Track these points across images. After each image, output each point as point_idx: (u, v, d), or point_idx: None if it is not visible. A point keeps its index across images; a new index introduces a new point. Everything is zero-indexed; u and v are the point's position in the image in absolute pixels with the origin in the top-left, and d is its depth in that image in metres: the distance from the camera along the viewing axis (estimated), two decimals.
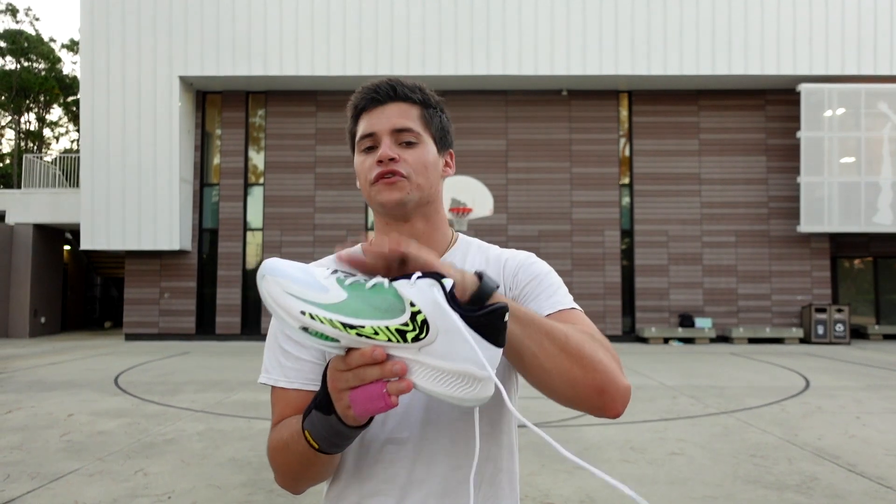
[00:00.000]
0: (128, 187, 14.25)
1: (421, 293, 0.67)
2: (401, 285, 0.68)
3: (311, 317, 0.66)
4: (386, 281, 0.69)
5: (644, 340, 14.24)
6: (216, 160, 15.39)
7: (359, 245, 1.06)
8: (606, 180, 14.93)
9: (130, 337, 14.71)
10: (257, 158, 15.35)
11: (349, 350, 0.68)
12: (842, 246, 15.55)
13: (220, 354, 11.82)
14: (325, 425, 0.76)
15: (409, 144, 0.96)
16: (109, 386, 7.95)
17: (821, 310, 14.07)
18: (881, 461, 4.50)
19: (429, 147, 0.98)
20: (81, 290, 20.32)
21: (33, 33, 29.69)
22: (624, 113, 15.18)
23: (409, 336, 0.67)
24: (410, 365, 0.68)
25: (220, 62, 14.23)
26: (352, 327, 0.66)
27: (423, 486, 0.90)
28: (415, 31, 14.07)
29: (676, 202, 14.85)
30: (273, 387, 0.95)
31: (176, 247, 14.25)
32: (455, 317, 0.67)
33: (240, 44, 14.21)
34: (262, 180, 15.21)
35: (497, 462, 0.95)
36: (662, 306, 14.64)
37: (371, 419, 0.76)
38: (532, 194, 14.75)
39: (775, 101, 14.86)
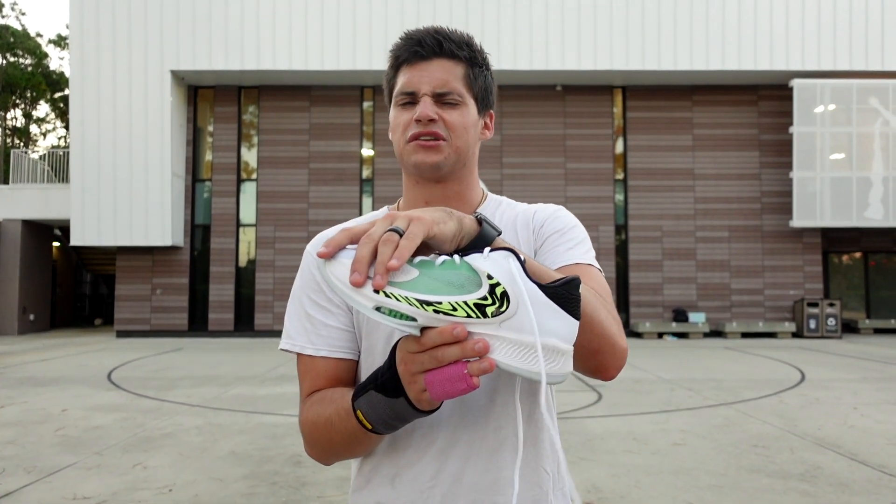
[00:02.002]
0: (118, 182, 14.09)
1: (497, 265, 0.64)
2: (474, 259, 0.65)
3: (387, 295, 0.63)
4: (457, 257, 0.66)
5: (638, 335, 14.29)
6: (208, 156, 15.25)
7: (385, 208, 1.02)
8: (601, 176, 14.95)
9: (122, 334, 14.56)
10: (250, 154, 15.23)
11: (423, 329, 0.65)
12: (833, 241, 15.67)
13: (213, 350, 11.72)
14: (388, 408, 0.71)
15: (451, 104, 0.91)
16: (103, 381, 7.85)
17: (813, 304, 14.17)
18: (882, 450, 4.52)
19: (470, 108, 0.93)
20: (71, 287, 20.10)
21: (19, 28, 29.28)
22: (618, 108, 15.19)
23: (490, 310, 0.63)
24: (491, 341, 0.64)
25: (211, 56, 14.09)
26: (429, 304, 0.63)
27: (464, 449, 0.86)
28: (409, 25, 13.86)
29: (670, 197, 14.89)
30: (299, 354, 0.90)
31: (168, 243, 14.11)
32: (534, 287, 0.64)
33: (232, 38, 14.07)
34: (254, 176, 15.09)
35: (539, 422, 0.91)
36: (656, 301, 14.69)
37: (441, 403, 0.72)
38: (527, 189, 14.73)
39: (768, 96, 14.94)
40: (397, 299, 0.63)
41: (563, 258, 0.90)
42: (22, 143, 31.53)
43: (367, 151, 15.09)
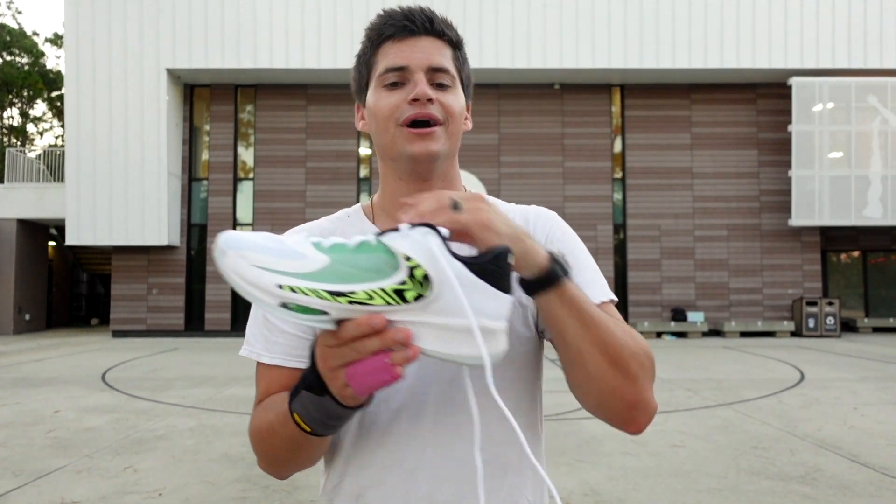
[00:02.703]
0: (114, 182, 14.01)
1: (417, 245, 0.57)
2: (391, 239, 0.58)
3: (291, 289, 0.56)
4: (373, 237, 0.59)
5: None
6: (205, 155, 15.17)
7: (358, 205, 0.95)
8: (599, 174, 14.89)
9: (118, 334, 14.48)
10: (246, 153, 15.16)
11: (341, 322, 0.58)
12: (831, 240, 15.63)
13: (209, 351, 11.65)
14: (318, 407, 0.66)
15: (443, 87, 0.82)
16: (97, 382, 7.79)
17: (811, 303, 14.13)
18: (883, 451, 4.47)
19: (459, 92, 0.85)
20: (67, 287, 20.01)
21: (16, 27, 29.16)
22: (616, 107, 15.14)
23: (410, 295, 0.57)
24: (415, 329, 0.58)
25: (208, 55, 14.01)
26: (341, 295, 0.56)
27: (436, 471, 0.78)
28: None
29: (669, 196, 14.84)
30: (257, 361, 0.83)
31: (164, 242, 14.04)
32: (458, 265, 0.58)
33: (229, 36, 13.99)
34: (251, 175, 15.02)
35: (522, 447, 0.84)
36: (655, 300, 14.64)
37: (372, 396, 0.66)
38: (525, 189, 14.67)
39: (766, 94, 14.89)
40: (304, 293, 0.56)
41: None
42: (19, 142, 31.41)
43: (364, 150, 15.01)
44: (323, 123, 14.87)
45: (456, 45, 0.86)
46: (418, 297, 0.58)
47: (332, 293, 0.57)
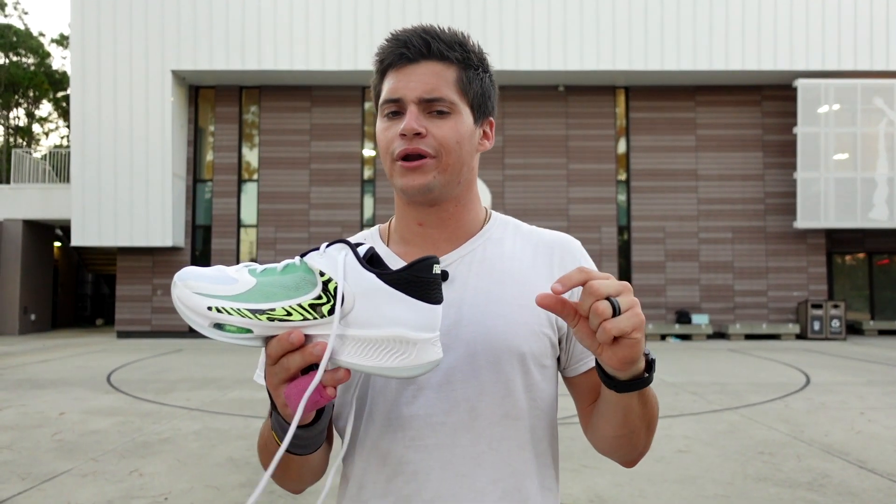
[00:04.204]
0: (119, 183, 14.05)
1: (331, 260, 0.61)
2: (310, 257, 0.62)
3: (218, 310, 0.61)
4: (297, 258, 0.63)
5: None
6: (209, 156, 15.21)
7: (376, 228, 0.95)
8: (603, 177, 14.87)
9: (122, 334, 14.52)
10: (251, 154, 15.18)
11: (268, 340, 0.62)
12: (837, 242, 15.57)
13: (213, 352, 11.67)
14: (279, 425, 0.69)
15: (441, 114, 0.80)
16: (102, 384, 7.80)
17: (817, 306, 14.08)
18: (891, 457, 4.44)
19: (463, 117, 0.82)
20: (72, 288, 20.08)
21: (22, 28, 29.28)
22: (621, 109, 15.11)
23: (325, 309, 0.60)
24: (337, 343, 0.60)
25: (213, 56, 14.04)
26: (262, 312, 0.60)
27: (455, 502, 0.77)
28: (411, 25, 13.91)
29: (673, 198, 14.81)
30: None
31: (169, 243, 14.07)
32: (371, 276, 0.60)
33: (233, 37, 14.02)
34: (255, 176, 15.04)
35: (543, 480, 0.83)
36: (659, 303, 14.60)
37: (321, 418, 0.69)
38: (529, 191, 14.67)
39: (772, 96, 14.84)
40: (228, 312, 0.60)
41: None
42: (25, 143, 31.54)
43: (368, 152, 15.03)
44: (327, 125, 14.88)
45: (464, 63, 0.83)
46: (332, 311, 0.60)
47: (252, 311, 0.61)
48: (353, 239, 0.91)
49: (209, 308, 0.61)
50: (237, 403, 6.50)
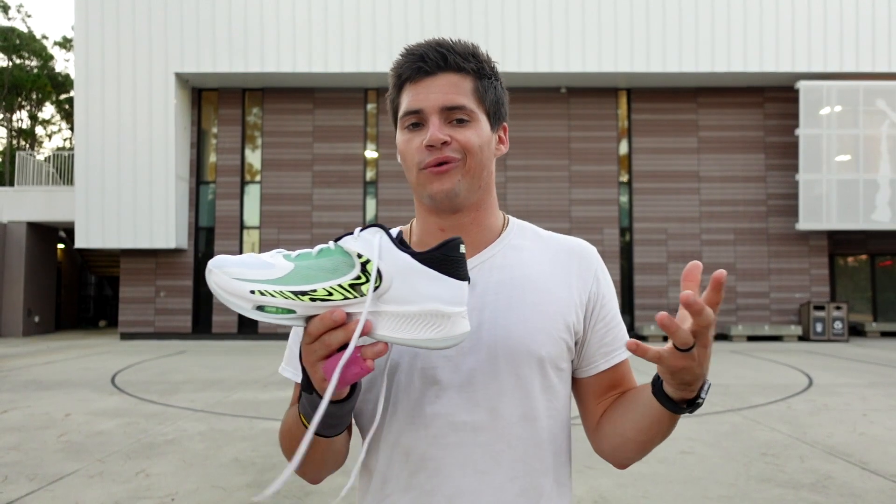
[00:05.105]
0: (123, 185, 14.10)
1: (366, 243, 0.66)
2: (345, 241, 0.67)
3: (262, 293, 0.65)
4: (332, 242, 0.67)
5: (643, 339, 14.20)
6: (212, 158, 15.25)
7: (397, 229, 0.98)
8: (605, 178, 14.89)
9: (126, 336, 14.56)
10: (254, 156, 15.23)
11: (309, 319, 0.66)
12: (839, 244, 15.57)
13: (217, 353, 11.70)
14: (310, 405, 0.72)
15: (461, 122, 0.84)
16: (106, 385, 7.84)
17: (819, 307, 14.08)
18: (894, 459, 4.45)
19: (482, 124, 0.86)
20: (76, 289, 20.13)
21: (25, 30, 29.39)
22: (623, 111, 15.13)
23: (365, 288, 0.65)
24: (374, 319, 0.65)
25: (216, 59, 14.09)
26: (304, 293, 0.65)
27: (475, 497, 0.80)
28: (413, 27, 13.98)
29: (675, 200, 14.82)
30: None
31: (172, 245, 14.11)
32: (405, 256, 0.65)
33: (236, 40, 14.07)
34: (258, 178, 15.09)
35: (558, 477, 0.87)
36: (661, 304, 14.60)
37: (354, 394, 0.73)
38: (531, 192, 14.69)
39: (774, 98, 14.85)
40: (272, 295, 0.64)
41: (608, 347, 0.90)
42: (28, 145, 31.63)
43: (370, 153, 15.06)
44: (330, 127, 14.92)
45: (478, 73, 0.86)
46: (373, 290, 0.64)
47: (295, 293, 0.64)
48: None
49: (252, 292, 0.65)
50: (241, 405, 6.53)
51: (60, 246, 18.37)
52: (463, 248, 0.66)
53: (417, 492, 0.82)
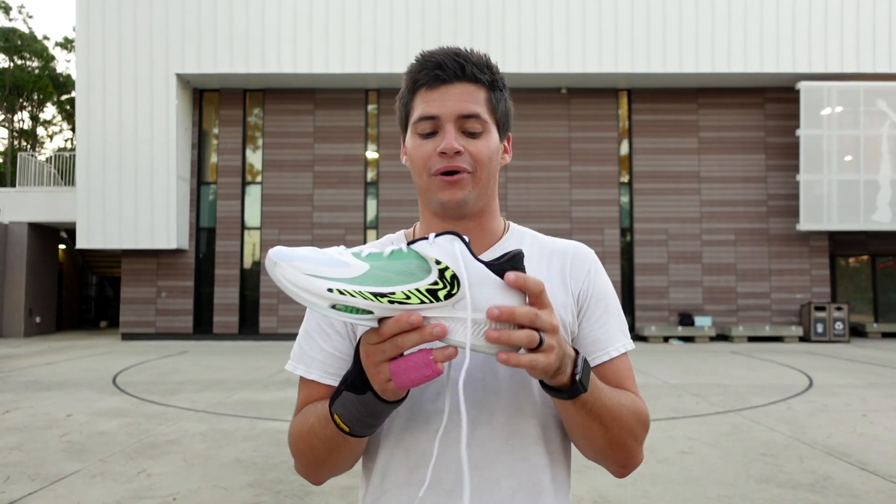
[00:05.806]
0: (124, 185, 14.12)
1: (444, 250, 0.67)
2: (421, 246, 0.68)
3: (340, 292, 0.65)
4: (404, 245, 0.68)
5: (644, 339, 14.21)
6: (213, 158, 15.28)
7: (401, 232, 1.00)
8: (606, 179, 14.89)
9: (127, 336, 14.58)
10: (255, 157, 15.25)
11: (382, 320, 0.67)
12: (840, 244, 15.56)
13: (218, 354, 11.72)
14: (359, 405, 0.73)
15: (473, 135, 0.86)
16: (108, 385, 7.86)
17: (820, 308, 14.07)
18: (893, 459, 4.46)
19: (492, 135, 0.89)
20: (77, 290, 20.15)
21: (27, 31, 29.43)
22: (623, 111, 15.14)
23: (442, 294, 0.66)
24: (447, 324, 0.66)
25: (217, 59, 14.11)
26: (383, 296, 0.65)
27: (473, 491, 0.82)
28: (413, 28, 14.00)
29: (676, 200, 14.83)
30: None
31: (173, 245, 14.13)
32: (480, 266, 0.67)
33: (237, 41, 14.09)
34: (259, 179, 15.11)
35: (556, 474, 0.89)
36: (662, 305, 14.62)
37: (407, 393, 0.74)
38: (531, 193, 14.70)
39: (774, 98, 14.86)
40: (352, 295, 0.65)
41: (601, 345, 0.90)
42: (29, 146, 31.67)
43: (371, 154, 15.08)
44: (331, 127, 14.94)
45: (492, 85, 0.89)
46: (449, 295, 0.66)
47: (374, 294, 0.65)
48: (377, 243, 0.97)
49: (329, 290, 0.65)
50: (242, 405, 6.54)
51: (62, 246, 18.39)
52: (524, 262, 0.71)
53: (416, 486, 0.84)
